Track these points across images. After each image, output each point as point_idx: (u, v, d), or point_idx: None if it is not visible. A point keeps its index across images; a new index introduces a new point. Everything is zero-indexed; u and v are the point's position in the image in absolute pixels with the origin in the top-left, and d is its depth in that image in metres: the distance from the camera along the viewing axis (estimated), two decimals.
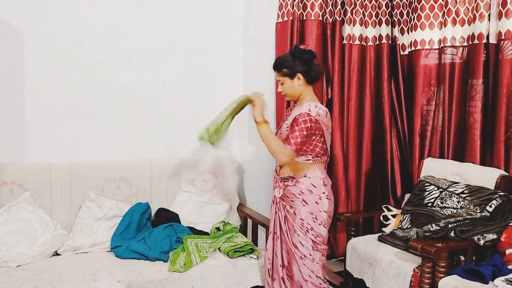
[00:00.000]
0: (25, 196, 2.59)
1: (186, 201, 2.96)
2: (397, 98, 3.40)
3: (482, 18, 2.79)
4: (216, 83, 3.30)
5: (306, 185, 2.26)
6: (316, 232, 2.25)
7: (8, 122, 2.71)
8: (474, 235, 2.36)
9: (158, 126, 3.11)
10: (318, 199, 2.26)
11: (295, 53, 2.26)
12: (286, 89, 2.30)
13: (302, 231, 2.25)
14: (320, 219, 2.26)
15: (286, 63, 2.25)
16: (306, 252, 2.25)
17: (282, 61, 2.27)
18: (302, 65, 2.24)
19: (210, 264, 2.49)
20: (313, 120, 2.18)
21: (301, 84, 2.26)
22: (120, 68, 2.95)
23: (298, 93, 2.29)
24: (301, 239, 2.25)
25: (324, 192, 2.27)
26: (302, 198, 2.26)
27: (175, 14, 3.10)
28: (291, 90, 2.29)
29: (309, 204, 2.25)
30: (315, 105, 2.23)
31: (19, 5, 2.67)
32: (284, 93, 2.33)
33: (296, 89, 2.28)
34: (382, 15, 3.34)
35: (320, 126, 2.20)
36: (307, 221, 2.24)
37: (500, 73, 2.70)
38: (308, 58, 2.25)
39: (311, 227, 2.24)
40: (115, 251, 2.56)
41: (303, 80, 2.25)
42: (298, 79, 2.25)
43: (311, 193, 2.26)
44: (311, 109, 2.20)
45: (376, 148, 3.42)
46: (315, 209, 2.25)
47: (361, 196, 3.42)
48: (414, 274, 2.41)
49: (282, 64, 2.26)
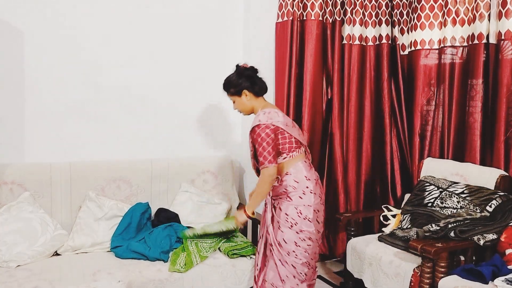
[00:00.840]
0: (25, 196, 2.59)
1: (186, 201, 2.96)
2: (397, 98, 3.40)
3: (482, 18, 2.80)
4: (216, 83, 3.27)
5: (289, 182, 2.30)
6: (300, 227, 2.27)
7: (8, 122, 2.71)
8: (474, 235, 2.36)
9: (158, 126, 3.11)
10: (302, 194, 2.29)
11: (238, 71, 2.40)
12: (238, 106, 2.43)
13: (286, 226, 2.28)
14: (304, 214, 2.28)
15: (232, 83, 2.39)
16: (290, 248, 2.27)
17: (228, 82, 2.40)
18: (245, 81, 2.36)
19: (210, 264, 2.49)
20: (266, 126, 2.24)
21: (250, 99, 2.38)
22: (120, 68, 2.95)
23: (249, 107, 2.41)
24: (285, 236, 2.28)
25: (307, 187, 2.30)
26: (286, 194, 2.31)
27: (175, 14, 3.10)
28: (242, 106, 2.41)
29: (293, 199, 2.29)
30: (263, 112, 2.31)
31: (19, 5, 2.67)
32: (238, 110, 2.45)
33: (246, 104, 2.40)
34: (382, 15, 3.34)
35: (276, 126, 2.27)
36: (292, 216, 2.28)
37: (500, 73, 2.70)
38: (251, 74, 2.38)
39: (295, 222, 2.27)
40: (115, 251, 2.56)
41: (250, 94, 2.37)
42: (245, 96, 2.37)
43: (294, 189, 2.30)
44: (261, 118, 2.28)
45: (376, 148, 3.42)
46: (299, 204, 2.28)
47: (361, 196, 3.42)
48: (414, 274, 2.41)
49: (229, 85, 2.40)
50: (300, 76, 3.22)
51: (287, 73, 3.18)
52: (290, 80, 3.19)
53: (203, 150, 3.26)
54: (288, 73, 3.18)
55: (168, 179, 2.98)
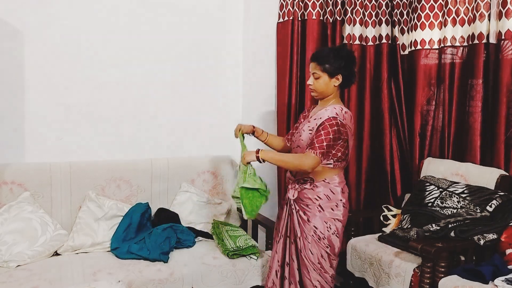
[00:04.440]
0: (25, 196, 2.59)
1: (186, 201, 2.96)
2: (397, 98, 3.40)
3: (482, 18, 2.79)
4: (216, 83, 3.30)
5: (324, 191, 2.18)
6: (328, 241, 2.18)
7: (8, 122, 2.70)
8: (474, 235, 2.36)
9: (158, 126, 3.11)
10: (335, 206, 2.18)
11: (342, 53, 2.15)
12: (319, 85, 2.17)
13: (314, 239, 2.18)
14: (333, 228, 2.18)
15: (330, 59, 2.12)
16: (315, 260, 2.19)
17: (327, 55, 2.13)
18: (346, 67, 2.14)
19: (210, 264, 2.49)
20: (340, 123, 2.10)
21: (336, 86, 2.17)
22: (120, 68, 2.94)
23: (329, 93, 2.19)
24: (311, 247, 2.19)
25: (341, 200, 2.20)
26: (318, 203, 2.18)
27: (175, 14, 3.09)
28: (325, 88, 2.17)
29: (325, 210, 2.17)
30: (341, 108, 2.15)
31: (19, 5, 2.66)
32: (314, 88, 2.19)
33: (330, 89, 2.17)
34: (382, 15, 3.34)
35: (346, 130, 2.13)
36: (320, 230, 2.17)
37: (500, 73, 2.70)
38: (353, 62, 2.18)
39: (323, 236, 2.17)
40: (115, 253, 2.55)
41: (340, 82, 2.17)
42: (336, 80, 2.15)
43: (328, 199, 2.18)
44: (338, 112, 2.12)
45: (376, 148, 3.42)
46: (330, 217, 2.18)
47: (361, 196, 3.42)
48: (414, 274, 2.41)
49: (326, 59, 2.13)
50: (301, 76, 3.22)
51: (288, 73, 3.18)
52: (291, 80, 3.19)
53: (203, 150, 3.26)
54: (289, 73, 3.18)
55: (168, 179, 2.98)
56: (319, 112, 2.20)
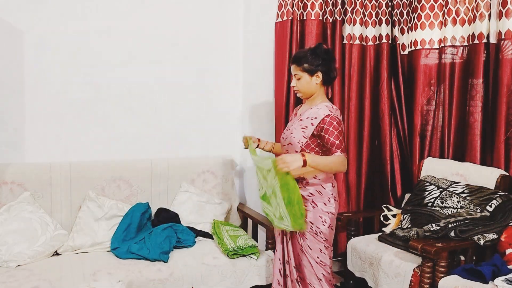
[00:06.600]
0: (25, 196, 2.59)
1: (186, 201, 2.96)
2: (397, 98, 3.40)
3: (482, 18, 2.79)
4: (216, 82, 3.30)
5: (316, 187, 2.23)
6: (325, 235, 2.22)
7: (8, 122, 2.71)
8: (474, 235, 2.36)
9: (158, 126, 3.11)
10: (327, 201, 2.23)
11: (318, 51, 2.21)
12: (302, 85, 2.24)
13: (311, 234, 2.22)
14: (328, 222, 2.23)
15: (308, 59, 2.20)
16: (315, 255, 2.23)
17: (305, 55, 2.21)
18: (323, 64, 2.20)
19: (210, 264, 2.49)
20: (338, 120, 2.16)
21: (318, 83, 2.23)
22: (120, 68, 2.95)
23: (313, 91, 2.25)
24: (309, 242, 2.23)
25: (332, 194, 2.25)
26: (311, 199, 2.24)
27: (175, 14, 3.10)
28: (307, 87, 2.24)
29: (318, 206, 2.23)
30: (332, 106, 2.21)
31: (19, 5, 2.67)
32: (298, 89, 2.27)
33: (312, 87, 2.23)
34: (382, 15, 3.34)
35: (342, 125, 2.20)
36: (316, 225, 2.21)
37: (500, 73, 2.70)
38: (330, 59, 2.23)
39: (320, 230, 2.21)
40: (115, 253, 2.55)
41: (321, 79, 2.22)
42: (317, 77, 2.21)
43: (320, 195, 2.23)
44: (331, 109, 2.18)
45: (376, 148, 3.42)
46: (323, 212, 2.22)
47: (361, 196, 3.41)
48: (414, 274, 2.41)
49: (304, 59, 2.20)
50: None
51: (287, 72, 3.17)
52: (289, 81, 3.18)
53: (203, 150, 3.26)
54: (287, 72, 3.18)
55: (168, 179, 2.98)
56: (310, 111, 2.24)
